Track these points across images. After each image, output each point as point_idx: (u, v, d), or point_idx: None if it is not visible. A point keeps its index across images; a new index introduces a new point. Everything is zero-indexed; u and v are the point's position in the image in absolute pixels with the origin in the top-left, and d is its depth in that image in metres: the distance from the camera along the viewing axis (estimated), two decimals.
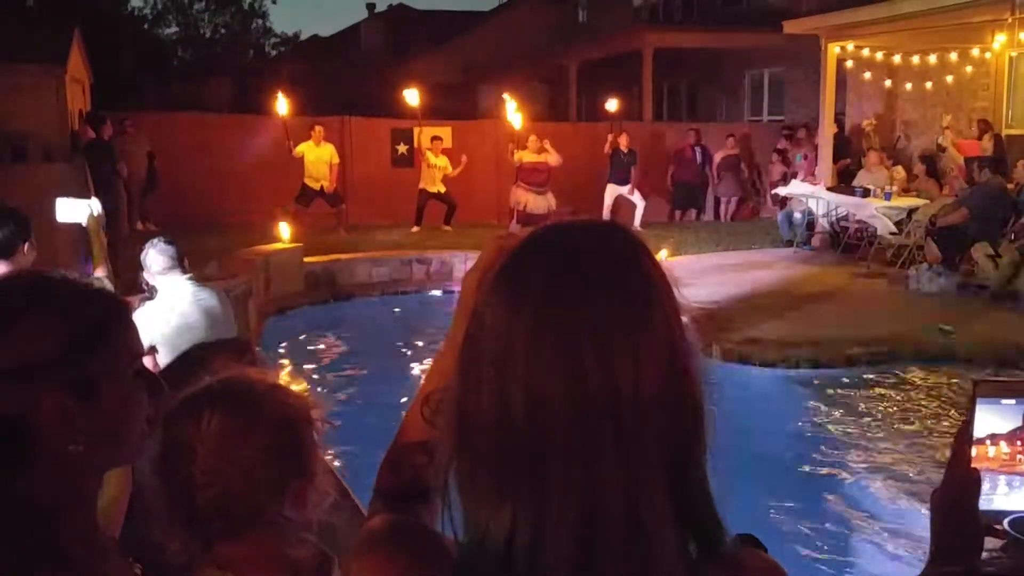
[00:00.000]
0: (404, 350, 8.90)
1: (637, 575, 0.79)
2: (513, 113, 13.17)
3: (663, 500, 0.79)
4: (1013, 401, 0.93)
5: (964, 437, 0.92)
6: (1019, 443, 0.93)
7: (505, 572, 0.79)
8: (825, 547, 4.96)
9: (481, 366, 0.82)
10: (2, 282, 1.17)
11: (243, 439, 1.35)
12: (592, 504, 0.78)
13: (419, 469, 0.99)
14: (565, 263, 0.83)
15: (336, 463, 5.76)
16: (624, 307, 0.81)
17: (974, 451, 0.93)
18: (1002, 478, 0.94)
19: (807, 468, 5.97)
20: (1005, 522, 0.93)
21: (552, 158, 13.38)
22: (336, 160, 13.64)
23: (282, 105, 12.80)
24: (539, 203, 13.38)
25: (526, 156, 13.34)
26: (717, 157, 16.00)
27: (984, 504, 0.93)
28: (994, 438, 0.93)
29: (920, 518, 5.00)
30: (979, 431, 0.93)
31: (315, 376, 8.22)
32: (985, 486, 0.93)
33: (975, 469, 0.92)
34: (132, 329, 1.21)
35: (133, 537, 1.79)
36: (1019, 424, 0.92)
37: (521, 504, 0.79)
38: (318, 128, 13.58)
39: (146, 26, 40.38)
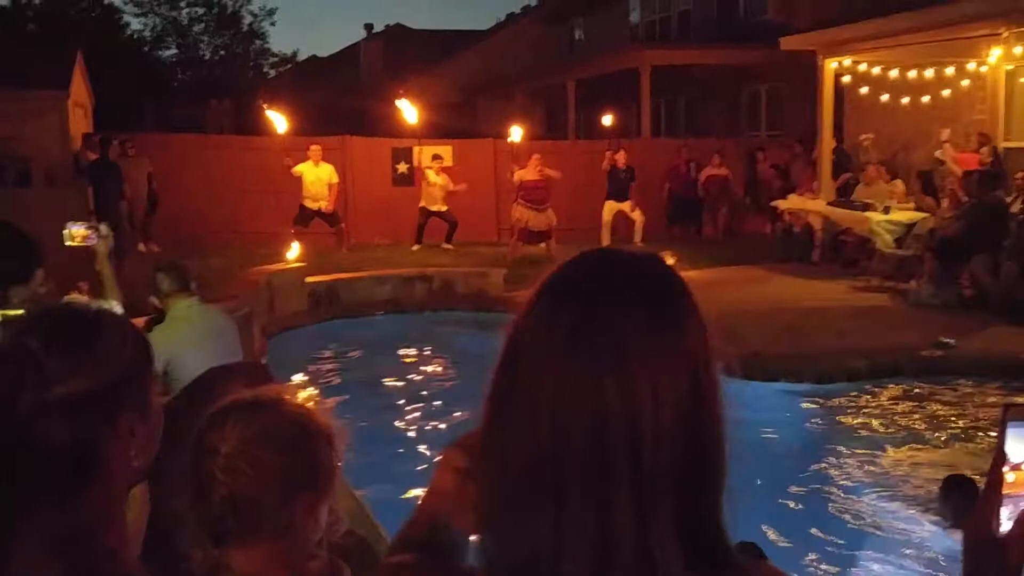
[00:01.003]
0: (407, 368, 8.93)
1: None
2: (514, 131, 13.34)
3: (672, 530, 0.81)
4: None
5: (996, 465, 0.90)
6: None
7: None
8: (828, 560, 4.98)
9: (514, 390, 0.85)
10: (62, 315, 1.26)
11: (261, 443, 1.43)
12: (606, 531, 0.80)
13: (440, 528, 1.01)
14: (599, 293, 0.86)
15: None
16: (651, 342, 0.83)
17: (1012, 477, 0.90)
18: None
19: (810, 481, 5.98)
20: None
21: (553, 174, 13.52)
22: (335, 180, 13.70)
23: (280, 123, 12.89)
24: (540, 220, 13.46)
25: (527, 175, 13.43)
26: (703, 176, 16.04)
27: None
28: None
29: (924, 530, 5.02)
30: (1016, 456, 0.90)
31: (319, 394, 8.24)
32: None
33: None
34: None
35: (151, 559, 1.83)
36: None
37: (542, 528, 0.81)
38: (315, 148, 13.66)
39: (146, 48, 40.61)
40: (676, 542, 0.81)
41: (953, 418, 6.83)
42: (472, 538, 0.92)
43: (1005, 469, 0.89)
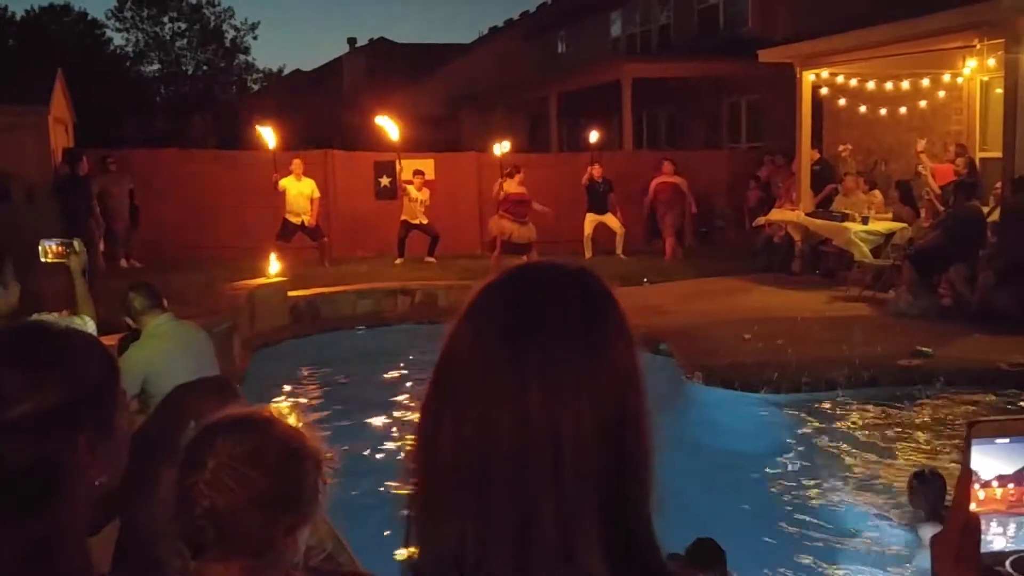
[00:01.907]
0: (389, 382, 8.94)
1: None
2: (502, 145, 13.50)
3: (596, 535, 0.84)
4: (1007, 440, 0.90)
5: (963, 483, 0.90)
6: None
7: None
8: (805, 568, 5.01)
9: (445, 396, 0.88)
10: (23, 333, 1.27)
11: (249, 460, 1.45)
12: (529, 532, 0.83)
13: None
14: (528, 305, 0.89)
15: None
16: (574, 353, 0.86)
17: (983, 494, 0.90)
18: (1012, 520, 0.91)
19: (788, 490, 6.02)
20: (1007, 563, 0.91)
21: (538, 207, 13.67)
22: (317, 195, 13.72)
23: (270, 139, 12.89)
24: (523, 233, 13.55)
25: (512, 188, 13.52)
26: (652, 183, 15.23)
27: (992, 546, 0.91)
28: (1001, 479, 0.90)
29: (902, 538, 5.06)
30: (986, 474, 0.90)
31: (301, 408, 8.24)
32: (996, 528, 0.91)
33: (975, 514, 0.90)
34: (120, 372, 1.33)
35: (124, 570, 1.84)
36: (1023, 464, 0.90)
37: (469, 526, 0.84)
38: (297, 162, 13.68)
39: (128, 64, 40.57)
40: (600, 547, 0.83)
41: (930, 426, 6.89)
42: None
43: (976, 486, 0.90)
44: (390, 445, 7.01)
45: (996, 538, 0.91)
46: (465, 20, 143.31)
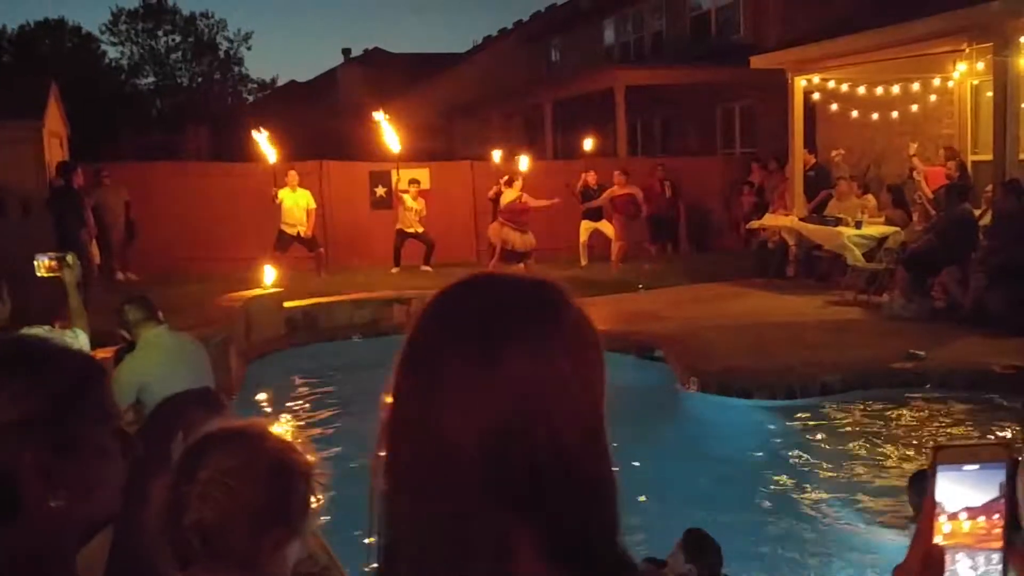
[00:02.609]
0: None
1: None
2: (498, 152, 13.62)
3: (525, 538, 0.86)
4: (976, 467, 0.83)
5: (927, 514, 0.84)
6: (996, 516, 0.82)
7: None
8: (803, 573, 5.04)
9: (392, 401, 0.92)
10: None
11: (238, 474, 1.46)
12: (455, 534, 0.86)
13: None
14: (441, 316, 0.92)
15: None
16: (469, 364, 0.87)
17: (948, 527, 0.83)
18: (981, 555, 0.83)
19: (781, 495, 6.05)
20: None
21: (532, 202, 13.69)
22: (313, 206, 13.76)
23: (270, 153, 12.93)
24: (523, 241, 13.64)
25: (511, 195, 13.59)
26: (605, 195, 14.76)
27: None
28: (971, 511, 0.83)
29: (896, 541, 5.08)
30: (951, 505, 0.83)
31: (296, 419, 8.26)
32: (965, 561, 0.83)
33: (937, 547, 0.83)
34: (107, 388, 1.29)
35: None
36: (995, 495, 0.83)
37: (407, 525, 0.89)
38: (292, 173, 13.71)
39: (123, 77, 40.62)
40: (532, 550, 0.86)
41: (923, 429, 6.92)
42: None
43: (943, 518, 0.83)
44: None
45: (964, 571, 0.84)
46: (460, 29, 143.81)
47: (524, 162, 14.06)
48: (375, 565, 0.94)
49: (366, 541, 0.95)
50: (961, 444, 0.85)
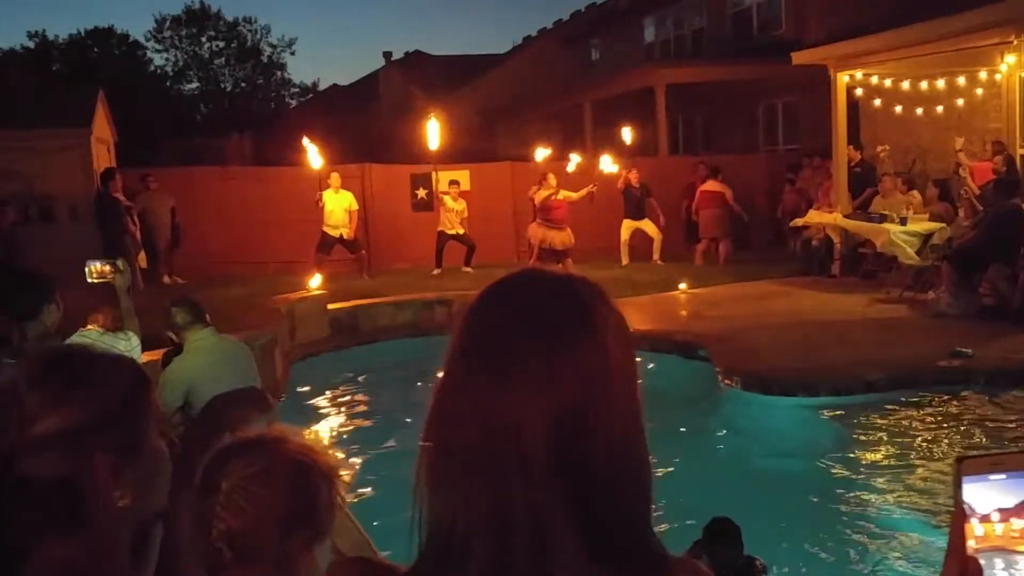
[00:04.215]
0: (428, 393, 8.99)
1: None
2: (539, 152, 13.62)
3: (571, 529, 0.89)
4: (1003, 476, 0.84)
5: (957, 525, 0.84)
6: None
7: (450, 565, 0.92)
8: (850, 572, 4.99)
9: (438, 391, 0.96)
10: (52, 355, 1.30)
11: (260, 481, 1.48)
12: (504, 522, 0.89)
13: None
14: (497, 311, 0.97)
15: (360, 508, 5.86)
16: (535, 355, 0.92)
17: (981, 530, 0.83)
18: (1021, 558, 0.83)
19: (826, 494, 5.99)
20: None
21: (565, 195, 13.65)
22: (355, 207, 13.85)
23: (316, 159, 13.10)
24: (560, 239, 13.59)
25: (543, 193, 13.58)
26: (696, 193, 15.38)
27: None
28: (1003, 512, 0.83)
29: (940, 544, 5.02)
30: (983, 508, 0.84)
31: (341, 418, 8.34)
32: (1001, 567, 0.83)
33: (974, 559, 0.83)
34: (154, 391, 1.35)
35: None
36: None
37: (458, 511, 0.92)
38: (335, 175, 13.82)
39: (168, 83, 41.20)
40: (575, 541, 0.89)
41: (970, 428, 6.81)
42: None
43: (974, 521, 0.84)
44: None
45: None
46: (500, 29, 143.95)
47: (573, 162, 13.99)
48: (417, 549, 0.97)
49: (410, 526, 0.98)
50: (985, 454, 0.86)
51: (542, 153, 14.10)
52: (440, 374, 0.97)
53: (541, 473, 0.88)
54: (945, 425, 6.92)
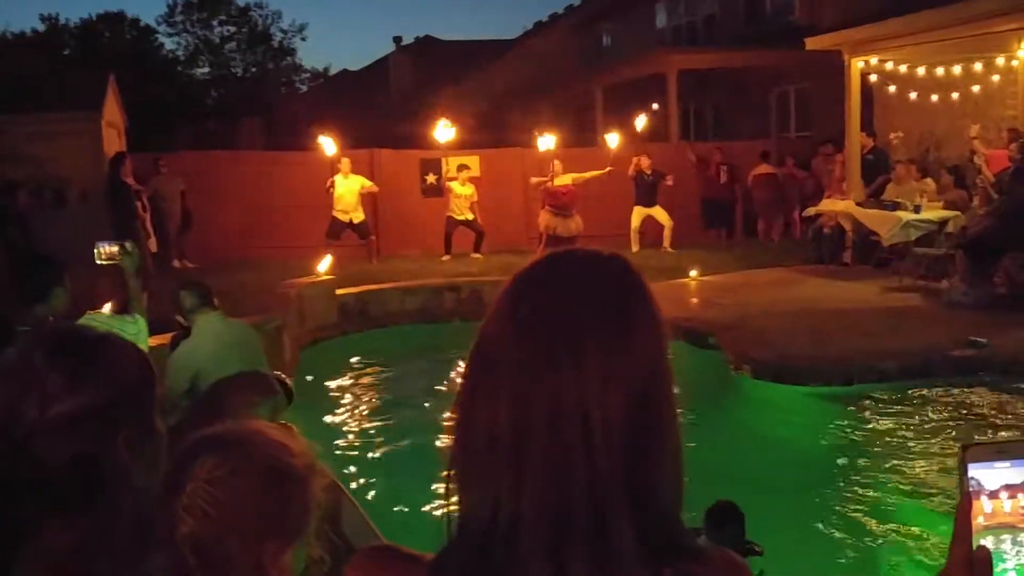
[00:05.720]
0: (436, 378, 8.98)
1: (599, 566, 0.86)
2: (543, 139, 13.52)
3: (627, 514, 0.87)
4: (1007, 464, 0.85)
5: (963, 511, 0.85)
6: None
7: (483, 554, 0.89)
8: (860, 561, 4.96)
9: (479, 373, 0.93)
10: (68, 334, 1.30)
11: (226, 482, 1.36)
12: (562, 508, 0.86)
13: None
14: (561, 289, 0.94)
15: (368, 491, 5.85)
16: (604, 335, 0.90)
17: (990, 506, 0.84)
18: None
19: (838, 482, 5.96)
20: None
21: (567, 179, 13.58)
22: (367, 185, 13.79)
23: (330, 146, 13.01)
24: (568, 226, 13.52)
25: (534, 180, 13.58)
26: (750, 176, 15.90)
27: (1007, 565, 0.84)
28: (1010, 489, 0.84)
29: (950, 533, 4.97)
30: (991, 484, 0.84)
31: (348, 405, 8.33)
32: (1010, 548, 0.84)
33: (984, 548, 0.83)
34: (157, 375, 1.36)
35: None
36: None
37: (504, 499, 0.88)
38: (345, 160, 13.79)
39: (179, 67, 41.20)
40: (631, 527, 0.87)
41: (984, 417, 6.76)
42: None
43: (983, 498, 0.84)
44: (438, 440, 7.06)
45: (1010, 559, 0.83)
46: (510, 15, 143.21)
47: (613, 141, 13.93)
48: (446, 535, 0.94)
49: (436, 514, 0.95)
50: (990, 441, 0.88)
51: (545, 143, 13.98)
52: (476, 358, 0.94)
53: (605, 462, 0.86)
54: (958, 415, 6.86)
